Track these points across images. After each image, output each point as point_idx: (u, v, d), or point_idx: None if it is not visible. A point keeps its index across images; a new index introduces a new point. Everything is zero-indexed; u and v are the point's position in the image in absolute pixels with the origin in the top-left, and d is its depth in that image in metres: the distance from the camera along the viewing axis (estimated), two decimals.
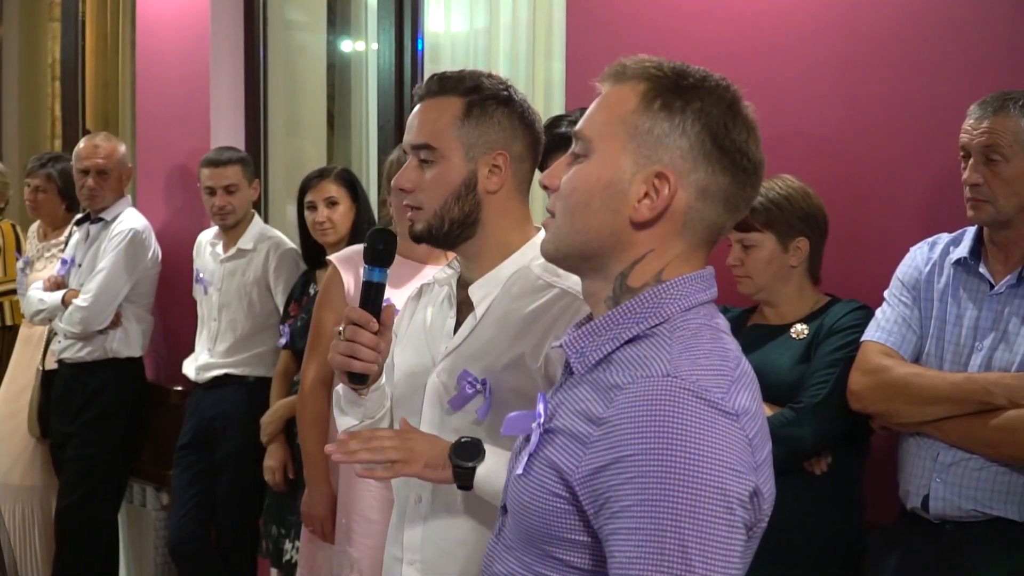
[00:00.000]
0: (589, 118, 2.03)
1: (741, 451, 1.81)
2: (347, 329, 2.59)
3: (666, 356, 1.86)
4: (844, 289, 3.73)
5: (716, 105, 1.96)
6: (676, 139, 1.95)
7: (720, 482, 1.75)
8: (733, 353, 1.95)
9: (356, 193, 5.17)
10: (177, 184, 6.64)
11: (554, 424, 1.95)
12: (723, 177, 1.97)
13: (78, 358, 6.20)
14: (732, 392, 1.85)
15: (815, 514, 3.49)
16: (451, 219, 2.67)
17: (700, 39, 4.18)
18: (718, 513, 1.75)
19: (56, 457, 6.46)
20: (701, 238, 2.01)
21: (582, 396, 1.92)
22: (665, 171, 1.94)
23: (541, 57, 5.56)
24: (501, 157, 2.68)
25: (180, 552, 5.82)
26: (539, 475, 1.93)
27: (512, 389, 2.60)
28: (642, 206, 1.96)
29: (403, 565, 2.75)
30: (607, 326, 1.98)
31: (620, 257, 2.00)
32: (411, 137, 2.71)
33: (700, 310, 1.99)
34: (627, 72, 2.02)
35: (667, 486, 1.74)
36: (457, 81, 2.71)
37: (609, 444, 1.81)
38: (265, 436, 5.23)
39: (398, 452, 2.53)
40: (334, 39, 6.70)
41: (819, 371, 3.49)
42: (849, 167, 3.88)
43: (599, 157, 1.98)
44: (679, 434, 1.76)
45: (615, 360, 1.93)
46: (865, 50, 3.85)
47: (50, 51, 8.77)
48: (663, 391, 1.80)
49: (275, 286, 5.68)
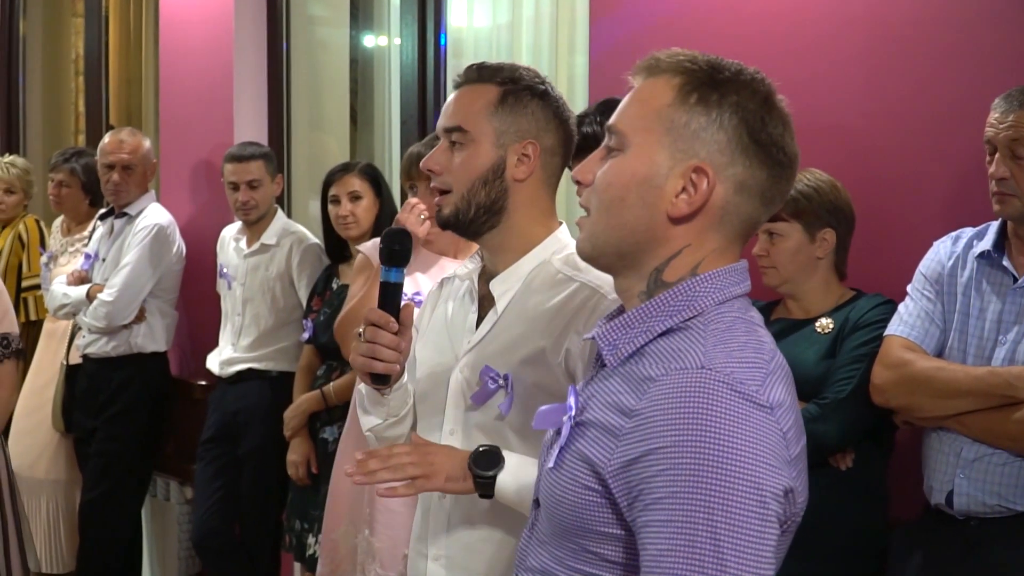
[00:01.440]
0: (623, 112, 2.02)
1: (775, 444, 1.79)
2: (367, 331, 2.59)
3: (700, 348, 1.85)
4: (868, 283, 3.72)
5: (752, 99, 1.96)
6: (713, 133, 1.94)
7: (754, 475, 1.74)
8: (768, 346, 1.94)
9: (379, 188, 5.18)
10: (201, 179, 6.65)
11: (585, 417, 1.94)
12: (760, 171, 1.96)
13: (102, 353, 6.21)
14: (767, 385, 1.83)
15: (839, 510, 3.48)
16: (477, 204, 2.68)
17: (724, 33, 4.17)
18: (751, 507, 1.73)
19: (80, 451, 6.47)
20: (737, 232, 2.01)
21: (614, 388, 1.91)
22: (703, 165, 1.93)
23: (564, 52, 5.55)
24: (531, 146, 2.70)
25: (204, 546, 5.84)
26: (571, 468, 1.91)
27: (534, 384, 2.60)
28: (679, 201, 1.94)
29: (428, 561, 2.76)
30: (640, 318, 1.96)
31: (656, 252, 1.98)
32: (444, 120, 2.74)
33: (734, 303, 1.98)
34: (660, 65, 2.00)
35: (700, 479, 1.72)
36: (495, 70, 2.74)
37: (642, 436, 1.79)
38: (288, 430, 5.24)
39: (418, 467, 2.53)
40: (357, 34, 6.70)
41: (844, 366, 3.48)
42: (874, 161, 3.87)
43: (635, 151, 1.97)
44: (713, 426, 1.74)
45: (648, 352, 1.92)
46: (890, 44, 3.83)
47: (73, 47, 8.79)
48: (697, 383, 1.79)
49: (298, 281, 5.69)
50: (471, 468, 2.53)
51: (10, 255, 7.07)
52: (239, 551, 5.78)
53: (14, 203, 7.25)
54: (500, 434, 2.64)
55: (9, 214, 7.24)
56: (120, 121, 7.93)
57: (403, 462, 2.52)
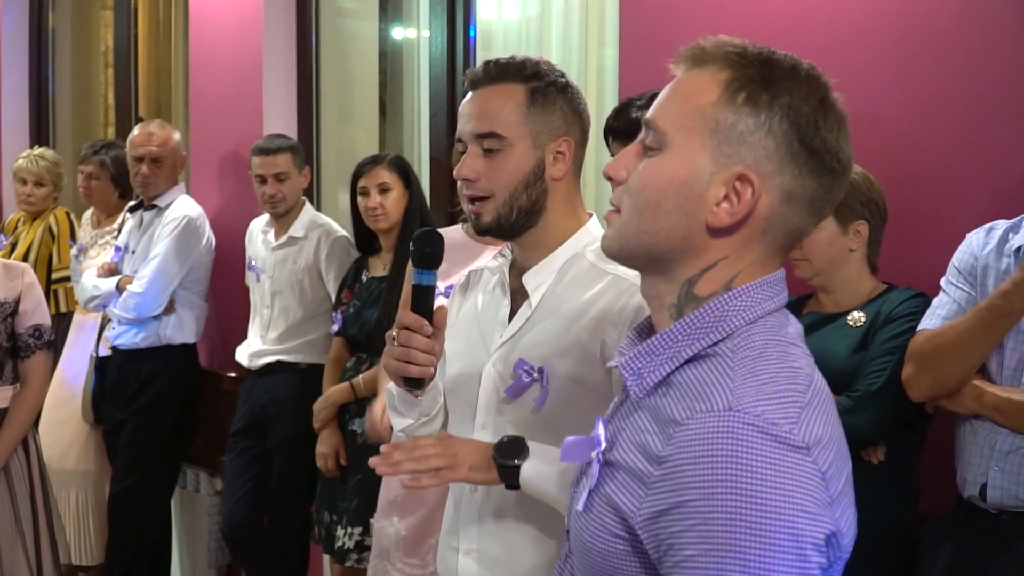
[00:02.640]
0: (663, 107, 1.87)
1: (813, 489, 1.65)
2: (401, 334, 2.56)
3: (727, 384, 1.71)
4: (901, 277, 3.70)
5: (806, 101, 1.81)
6: (761, 138, 1.78)
7: (791, 527, 1.61)
8: (804, 371, 1.78)
9: (408, 179, 5.18)
10: (230, 172, 6.66)
11: (614, 456, 1.82)
12: (810, 180, 1.81)
13: (132, 344, 6.22)
14: (802, 421, 1.69)
15: (871, 503, 3.43)
16: (519, 208, 2.65)
17: (755, 26, 4.15)
18: (790, 561, 1.61)
19: (109, 443, 6.48)
20: (780, 244, 1.87)
21: (641, 426, 1.79)
22: (748, 173, 1.78)
23: (594, 43, 5.54)
24: (566, 143, 2.67)
25: (233, 537, 5.85)
26: (600, 514, 1.80)
27: (569, 377, 2.59)
28: (721, 210, 1.80)
29: (459, 555, 2.75)
30: (666, 344, 1.82)
31: (690, 263, 1.84)
32: (473, 126, 2.67)
33: (768, 320, 1.83)
34: (706, 56, 1.85)
35: (733, 534, 1.61)
36: (517, 67, 2.68)
37: (670, 486, 1.67)
38: (317, 422, 5.25)
39: (442, 459, 2.50)
40: (386, 27, 6.70)
41: (876, 359, 3.46)
42: (906, 154, 3.85)
43: (674, 152, 1.82)
44: (744, 476, 1.62)
45: (674, 384, 1.78)
46: (923, 36, 3.81)
47: (102, 39, 8.81)
48: (725, 428, 1.65)
49: (326, 273, 5.69)
50: (495, 457, 2.51)
51: (40, 247, 7.09)
52: (268, 542, 5.79)
53: (44, 195, 7.27)
54: (533, 428, 2.62)
55: (39, 206, 7.26)
56: (149, 113, 7.95)
57: (427, 453, 2.50)
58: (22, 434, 4.96)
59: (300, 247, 5.76)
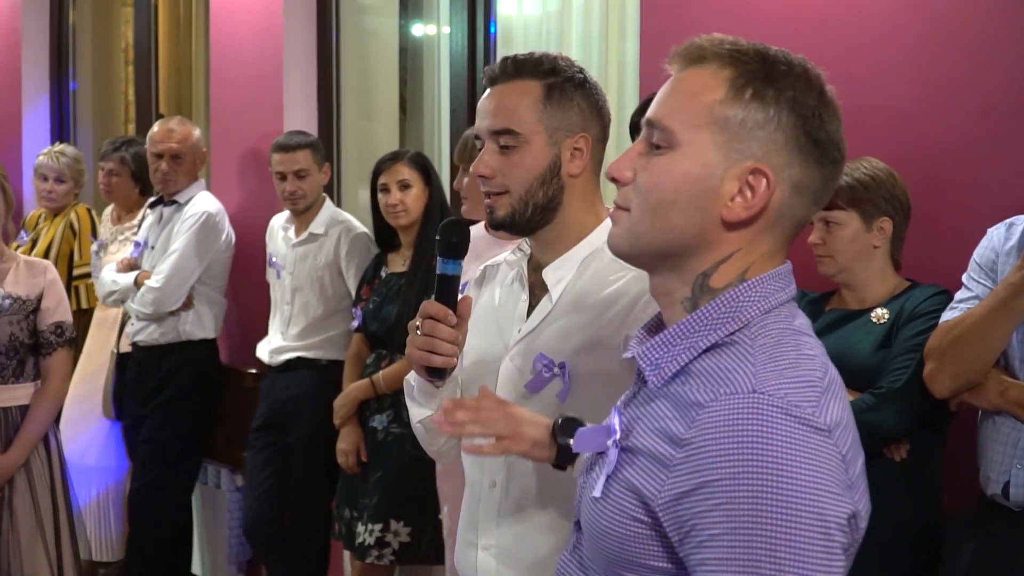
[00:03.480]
0: (667, 106, 1.89)
1: (836, 470, 1.70)
2: (425, 324, 2.55)
3: (749, 369, 1.75)
4: (924, 274, 3.69)
5: (809, 94, 1.85)
6: (771, 132, 1.82)
7: (817, 506, 1.65)
8: (819, 359, 1.83)
9: (429, 176, 5.19)
10: (251, 168, 6.67)
11: (632, 443, 1.85)
12: (815, 171, 1.85)
13: (151, 340, 6.23)
14: (822, 405, 1.74)
15: (893, 501, 3.45)
16: (535, 204, 2.64)
17: (777, 21, 4.14)
18: (816, 540, 1.65)
19: (130, 439, 6.50)
20: (788, 235, 1.91)
21: (660, 413, 1.82)
22: (761, 167, 1.82)
23: (614, 39, 5.53)
24: (583, 140, 2.66)
25: (254, 533, 5.87)
26: (618, 498, 1.83)
27: (591, 372, 2.58)
28: (735, 204, 1.84)
29: (478, 551, 2.74)
30: (683, 334, 1.86)
31: (704, 257, 1.88)
32: (489, 122, 2.67)
33: (780, 311, 1.87)
34: (705, 54, 1.88)
35: (760, 513, 1.64)
36: (535, 64, 2.67)
37: (693, 468, 1.70)
38: (338, 419, 5.25)
39: (506, 427, 2.45)
40: (406, 23, 6.71)
41: (899, 356, 3.46)
42: (930, 151, 3.83)
43: (685, 150, 1.85)
44: (769, 456, 1.65)
45: (694, 372, 1.82)
46: (945, 31, 3.80)
47: (123, 36, 8.84)
48: (749, 409, 1.69)
49: (347, 270, 5.69)
50: (556, 435, 2.45)
51: (61, 244, 7.10)
52: (289, 539, 5.80)
53: (64, 192, 7.28)
54: None
55: (60, 203, 7.27)
56: (170, 110, 7.96)
57: (492, 417, 2.44)
58: (43, 431, 4.98)
59: (320, 243, 5.76)
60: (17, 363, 4.93)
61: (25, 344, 4.94)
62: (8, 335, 4.88)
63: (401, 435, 4.99)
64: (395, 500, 4.97)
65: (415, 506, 4.93)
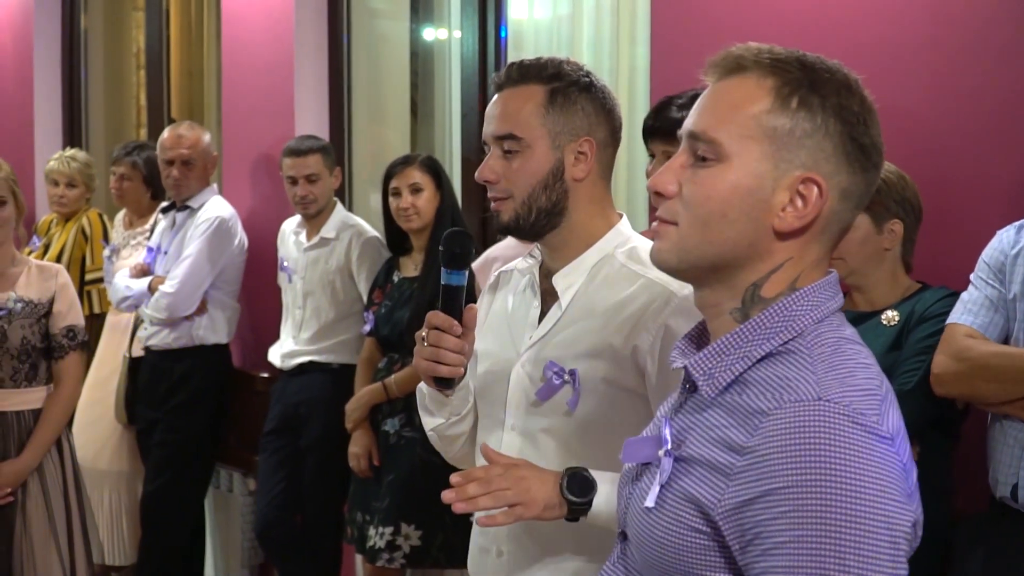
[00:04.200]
0: (710, 117, 1.88)
1: (899, 478, 1.69)
2: (430, 334, 2.57)
3: (812, 377, 1.74)
4: (934, 277, 3.69)
5: (851, 100, 1.85)
6: (819, 140, 1.82)
7: (884, 515, 1.65)
8: (874, 368, 1.83)
9: (440, 180, 5.19)
10: (262, 173, 6.68)
11: (686, 452, 1.83)
12: (860, 176, 1.85)
13: (164, 345, 6.25)
14: (883, 413, 1.74)
15: None
16: (539, 208, 2.65)
17: (787, 25, 4.14)
18: (884, 549, 1.64)
19: (142, 443, 6.50)
20: (835, 241, 1.91)
21: (716, 422, 1.81)
22: (813, 176, 1.82)
23: (625, 43, 5.53)
24: (587, 143, 2.66)
25: (266, 537, 5.89)
26: (674, 509, 1.81)
27: (602, 379, 2.58)
28: (787, 215, 1.83)
29: (492, 556, 2.74)
30: (736, 344, 1.85)
31: (755, 267, 1.87)
32: (493, 128, 2.68)
33: (832, 320, 1.87)
34: (744, 64, 1.88)
35: (828, 521, 1.63)
36: (538, 69, 2.68)
37: (757, 475, 1.69)
38: (350, 423, 5.26)
39: (517, 495, 2.44)
40: (417, 27, 6.71)
41: (909, 359, 3.45)
42: (939, 154, 3.83)
43: (734, 162, 1.84)
44: (838, 464, 1.64)
45: (751, 381, 1.80)
46: (956, 34, 3.79)
47: (134, 40, 8.85)
48: (816, 417, 1.68)
49: (358, 274, 5.70)
50: (564, 495, 2.46)
51: (73, 249, 7.12)
52: (301, 542, 5.81)
53: (76, 197, 7.31)
54: (566, 430, 2.63)
55: (71, 208, 7.30)
56: (182, 114, 7.97)
57: (503, 488, 2.43)
58: (56, 434, 5.00)
59: (332, 248, 5.77)
60: (30, 367, 4.95)
61: (37, 348, 4.95)
62: (20, 339, 4.90)
63: (412, 439, 5.00)
64: (406, 504, 4.98)
65: (426, 509, 4.93)
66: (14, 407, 4.94)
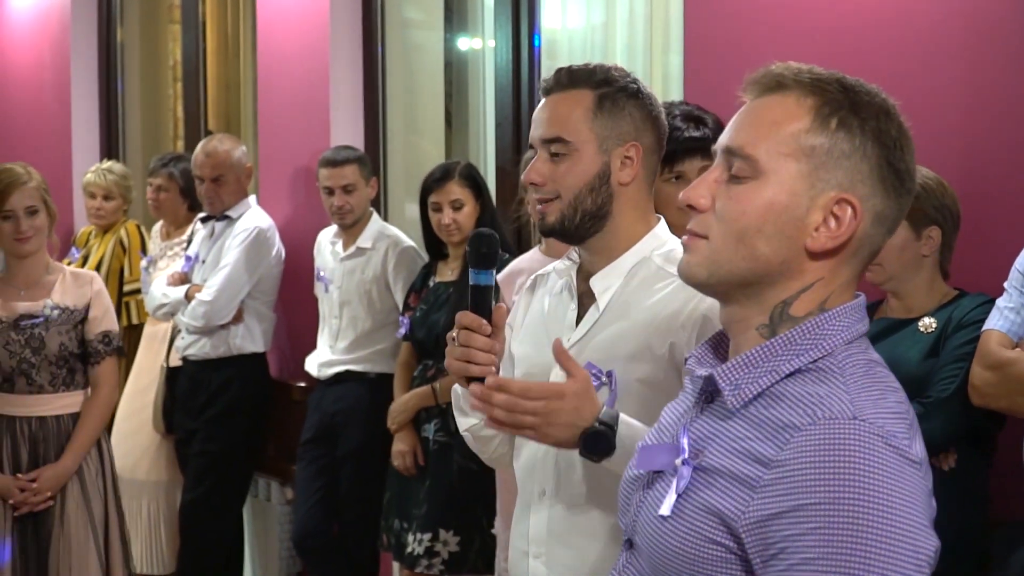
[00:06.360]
0: (748, 134, 1.89)
1: (926, 504, 1.70)
2: (460, 334, 2.58)
3: (845, 396, 1.75)
4: (971, 283, 3.68)
5: (890, 124, 1.86)
6: (857, 162, 1.83)
7: (913, 539, 1.65)
8: (903, 393, 1.84)
9: (480, 190, 5.19)
10: (299, 183, 6.71)
11: (706, 462, 1.83)
12: (894, 201, 1.87)
13: (202, 355, 6.28)
14: (913, 438, 1.75)
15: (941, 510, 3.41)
16: (584, 210, 2.68)
17: (822, 30, 4.14)
18: (910, 572, 1.64)
19: (181, 452, 6.54)
20: (865, 264, 1.92)
21: (740, 434, 1.81)
22: (848, 197, 1.83)
23: (659, 52, 5.54)
24: (634, 149, 2.69)
25: (304, 546, 5.90)
26: (693, 519, 1.81)
27: (638, 380, 2.60)
28: (821, 234, 1.84)
29: (529, 559, 2.76)
30: (765, 357, 1.85)
31: (786, 285, 1.88)
32: (542, 131, 2.71)
33: (861, 343, 1.88)
34: (785, 82, 1.89)
35: (858, 540, 1.63)
36: (588, 74, 2.71)
37: (786, 489, 1.69)
38: (394, 425, 5.24)
39: (536, 432, 2.45)
40: (451, 37, 6.73)
41: (947, 365, 3.45)
42: (976, 159, 3.82)
43: (771, 179, 1.85)
44: (871, 484, 1.64)
45: (781, 396, 1.80)
46: (992, 41, 3.78)
47: (171, 53, 8.89)
48: (851, 435, 1.69)
49: (394, 284, 5.72)
50: (581, 450, 2.47)
51: (112, 260, 7.16)
52: (339, 551, 5.83)
53: (113, 209, 7.35)
54: None
55: (109, 220, 7.34)
56: (218, 126, 8.00)
57: (526, 408, 2.42)
58: (94, 438, 5.05)
59: (368, 258, 5.79)
60: (67, 372, 5.01)
61: (74, 353, 5.02)
62: (58, 345, 4.96)
63: (448, 444, 5.01)
64: (444, 509, 4.99)
65: (464, 515, 4.95)
66: (53, 411, 5.01)
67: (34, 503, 4.91)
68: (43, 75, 9.24)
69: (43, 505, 4.92)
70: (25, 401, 4.99)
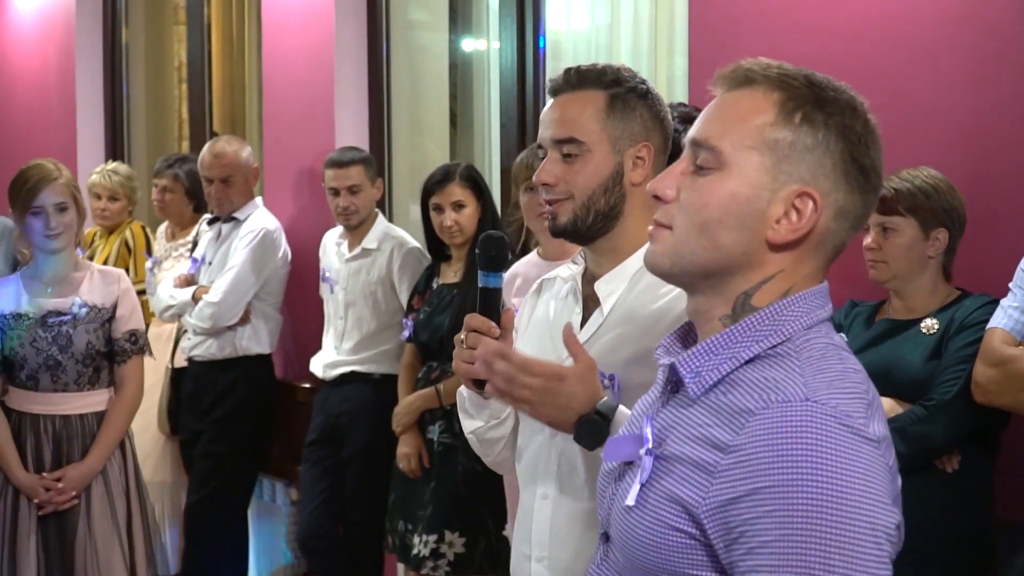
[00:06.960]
0: (715, 126, 1.91)
1: (885, 480, 1.71)
2: (469, 337, 2.58)
3: (799, 379, 1.76)
4: (974, 284, 3.68)
5: (855, 120, 1.87)
6: (819, 156, 1.85)
7: (870, 515, 1.66)
8: (863, 374, 1.85)
9: (481, 192, 5.20)
10: (304, 184, 6.71)
11: (667, 451, 1.85)
12: (858, 196, 1.88)
13: (208, 355, 6.28)
14: (870, 417, 1.76)
15: (945, 513, 3.46)
16: (596, 210, 2.67)
17: (826, 33, 4.14)
18: (869, 549, 1.66)
19: (186, 453, 6.54)
20: (828, 259, 1.93)
21: (699, 420, 1.82)
22: (810, 191, 1.85)
23: (663, 53, 5.55)
24: (645, 149, 2.69)
25: (309, 547, 5.91)
26: (656, 508, 1.82)
27: (640, 384, 2.58)
28: (781, 227, 1.86)
29: (531, 562, 2.75)
30: (725, 344, 1.87)
31: (747, 277, 1.90)
32: (553, 132, 2.70)
33: (821, 328, 1.89)
34: (753, 77, 1.90)
35: (814, 520, 1.65)
36: (598, 74, 2.71)
37: (743, 473, 1.71)
38: (399, 426, 5.25)
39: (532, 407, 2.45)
40: (456, 38, 6.74)
41: (950, 367, 3.45)
42: (980, 161, 3.82)
43: (734, 171, 1.87)
44: (825, 464, 1.66)
45: (738, 381, 1.82)
46: (995, 41, 3.79)
47: (176, 54, 8.89)
48: (803, 417, 1.70)
49: (399, 285, 5.72)
50: (574, 436, 2.47)
51: (117, 261, 7.15)
52: (344, 552, 5.84)
53: (118, 210, 7.35)
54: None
55: (114, 220, 7.34)
56: (224, 127, 8.01)
57: (525, 383, 2.43)
58: (119, 437, 5.05)
59: (373, 259, 5.80)
60: (93, 370, 5.00)
61: (101, 352, 5.01)
62: (85, 343, 4.95)
63: (452, 445, 5.01)
64: (449, 511, 4.99)
65: (469, 517, 4.96)
66: (78, 410, 5.00)
67: (59, 502, 4.91)
68: (48, 76, 9.25)
69: (67, 504, 4.92)
70: (50, 399, 4.99)
